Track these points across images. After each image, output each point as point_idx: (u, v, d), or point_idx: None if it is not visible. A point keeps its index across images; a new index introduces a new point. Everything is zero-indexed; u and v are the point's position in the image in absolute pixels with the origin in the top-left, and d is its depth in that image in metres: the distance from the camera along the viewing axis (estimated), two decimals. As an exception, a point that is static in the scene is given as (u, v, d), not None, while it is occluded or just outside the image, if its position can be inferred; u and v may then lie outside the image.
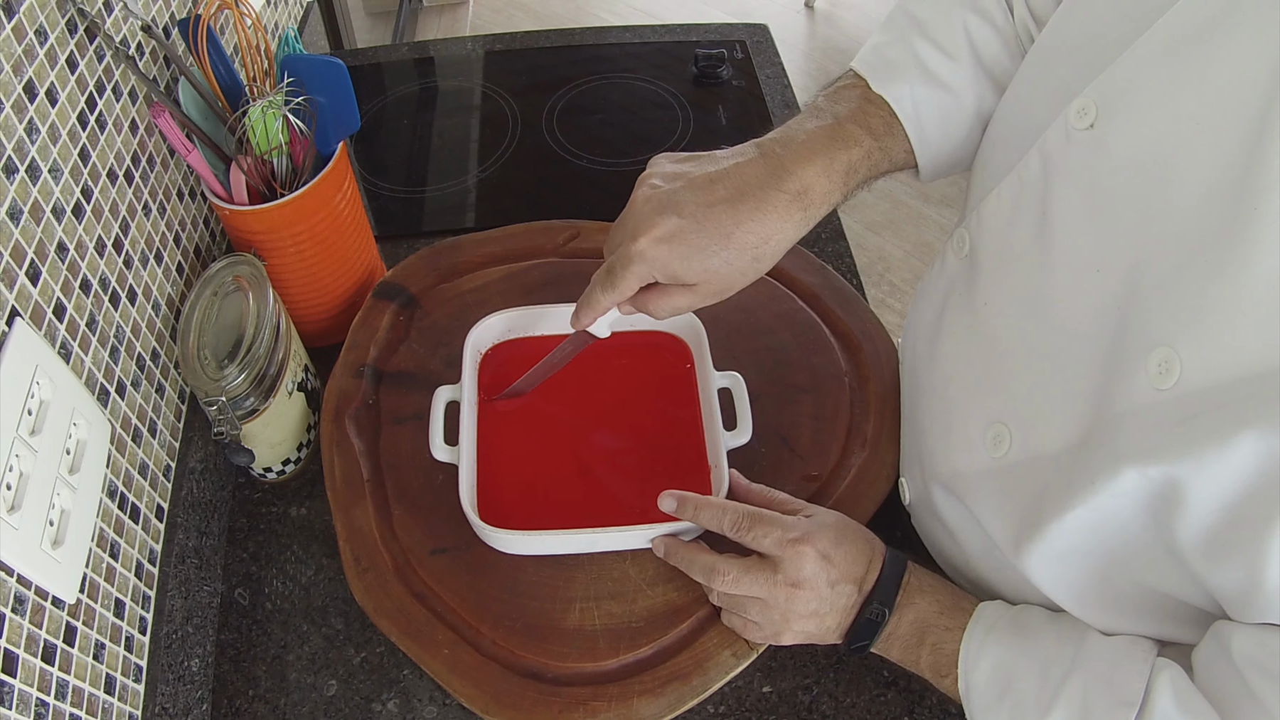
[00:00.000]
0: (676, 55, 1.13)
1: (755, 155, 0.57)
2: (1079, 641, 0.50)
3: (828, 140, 0.57)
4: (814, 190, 0.56)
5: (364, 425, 0.73)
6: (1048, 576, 0.51)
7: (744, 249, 0.55)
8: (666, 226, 0.55)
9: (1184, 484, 0.40)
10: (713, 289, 0.57)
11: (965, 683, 0.53)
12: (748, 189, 0.55)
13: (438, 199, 0.96)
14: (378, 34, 2.37)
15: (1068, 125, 0.47)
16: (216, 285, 0.67)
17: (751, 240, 0.55)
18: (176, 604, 0.63)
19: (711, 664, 0.61)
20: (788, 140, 0.57)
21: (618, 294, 0.58)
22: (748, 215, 0.54)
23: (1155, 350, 0.41)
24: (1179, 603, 0.47)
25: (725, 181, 0.55)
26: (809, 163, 0.56)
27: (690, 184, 0.56)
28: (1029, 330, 0.50)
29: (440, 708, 0.63)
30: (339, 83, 0.69)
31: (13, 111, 0.50)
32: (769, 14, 2.87)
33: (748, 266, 0.56)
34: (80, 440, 0.52)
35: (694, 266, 0.55)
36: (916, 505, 0.65)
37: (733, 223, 0.54)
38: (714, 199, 0.55)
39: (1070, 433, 0.47)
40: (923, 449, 0.62)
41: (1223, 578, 0.41)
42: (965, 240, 0.58)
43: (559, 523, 0.66)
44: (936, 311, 0.61)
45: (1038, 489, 0.49)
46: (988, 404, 0.54)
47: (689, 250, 0.55)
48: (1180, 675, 0.46)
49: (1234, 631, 0.43)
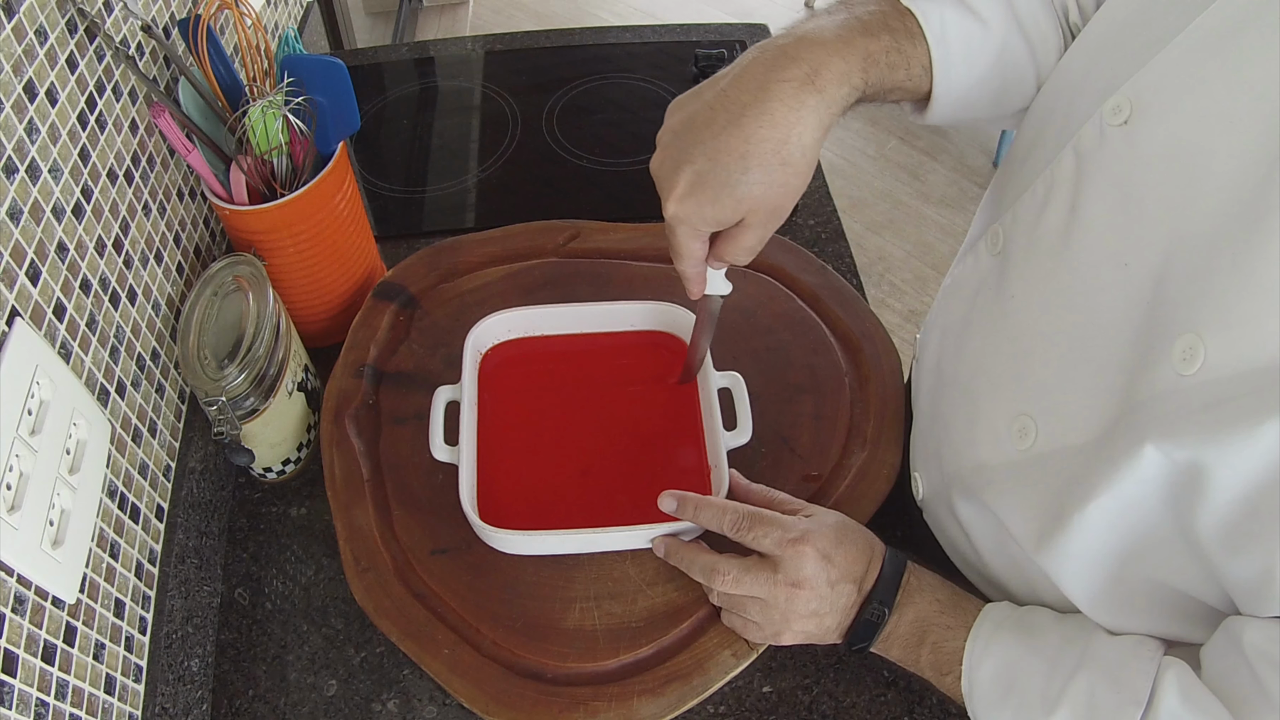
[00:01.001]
0: (676, 55, 1.13)
1: (754, 57, 0.53)
2: (1085, 641, 0.50)
3: (842, 28, 0.53)
4: (826, 70, 0.51)
5: (364, 425, 0.73)
6: (1066, 573, 0.51)
7: (765, 161, 0.51)
8: (684, 180, 0.52)
9: (1206, 470, 0.40)
10: (762, 215, 0.53)
11: (969, 681, 0.53)
12: (746, 98, 0.51)
13: (438, 199, 0.96)
14: (378, 34, 2.37)
15: (1102, 122, 0.47)
16: (216, 285, 0.67)
17: (768, 148, 0.50)
18: (176, 604, 0.63)
19: (711, 664, 0.61)
20: (793, 33, 0.53)
21: (688, 260, 0.56)
22: (753, 124, 0.50)
23: (1180, 337, 0.41)
24: (1192, 600, 0.47)
25: (724, 105, 0.52)
26: (818, 46, 0.51)
27: (693, 124, 0.53)
28: (1055, 323, 0.50)
29: (440, 708, 0.63)
30: (339, 83, 0.69)
31: (13, 111, 0.50)
32: (769, 14, 2.87)
33: (779, 175, 0.51)
34: (80, 440, 0.52)
35: (727, 205, 0.52)
36: (930, 501, 0.65)
37: (742, 141, 0.50)
38: (718, 128, 0.51)
39: (1095, 424, 0.47)
40: (943, 443, 0.61)
41: (1239, 569, 0.42)
42: (1000, 237, 0.57)
43: (559, 523, 0.66)
44: (966, 307, 0.61)
45: (1061, 482, 0.49)
46: (1013, 396, 0.53)
47: (714, 192, 0.52)
48: (1186, 672, 0.46)
49: (1245, 625, 0.43)
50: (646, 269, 0.83)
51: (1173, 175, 0.43)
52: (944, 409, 0.62)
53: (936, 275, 2.15)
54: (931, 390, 0.65)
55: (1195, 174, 0.42)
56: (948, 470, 0.60)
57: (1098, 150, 0.48)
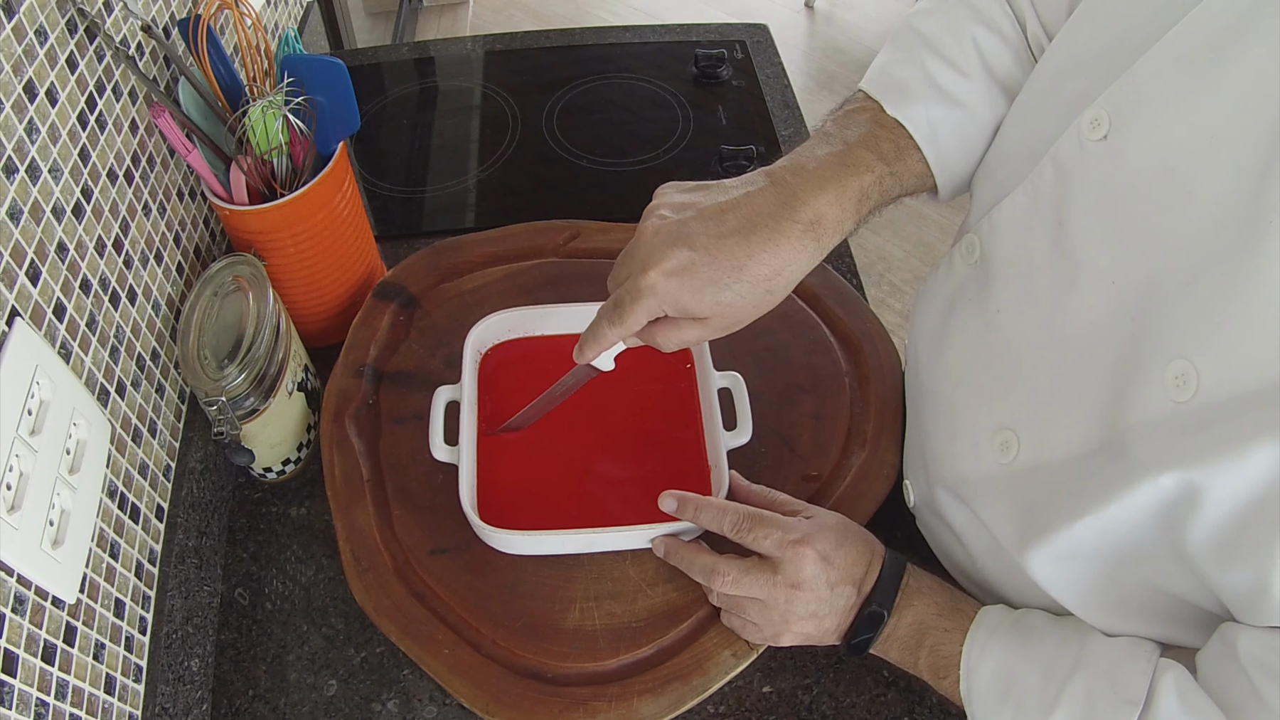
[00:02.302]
0: (676, 55, 1.13)
1: (766, 184, 0.55)
2: (1081, 642, 0.50)
3: (838, 167, 0.55)
4: (827, 219, 0.54)
5: (364, 425, 0.73)
6: (1053, 578, 0.51)
7: (757, 281, 0.53)
8: (677, 259, 0.52)
9: (1198, 490, 0.40)
10: (724, 322, 0.55)
11: (967, 684, 0.53)
12: (759, 219, 0.53)
13: (438, 199, 0.96)
14: (378, 34, 2.37)
15: (1081, 135, 0.47)
16: (216, 285, 0.67)
17: (765, 272, 0.53)
18: (176, 604, 0.63)
19: (711, 664, 0.61)
20: (798, 168, 0.55)
21: (625, 328, 0.56)
22: (760, 247, 0.52)
23: (1172, 363, 0.41)
24: (1185, 604, 0.47)
25: (736, 212, 0.53)
26: (821, 191, 0.54)
27: (700, 214, 0.54)
28: (1041, 338, 0.50)
29: (440, 708, 0.63)
30: (339, 83, 0.69)
31: (13, 111, 0.50)
32: (769, 14, 2.87)
33: (760, 299, 0.54)
34: (80, 440, 0.52)
35: (706, 300, 0.53)
36: (921, 508, 0.65)
37: (745, 254, 0.52)
38: (725, 230, 0.53)
39: (1080, 441, 0.47)
40: (927, 453, 0.61)
41: (1231, 581, 0.41)
42: (975, 246, 0.57)
43: (559, 523, 0.66)
44: (942, 316, 0.61)
45: (1045, 495, 0.49)
46: (996, 410, 0.53)
47: (701, 283, 0.53)
48: (1184, 675, 0.46)
49: (1240, 632, 0.43)
50: (646, 269, 0.83)
51: (1157, 191, 0.43)
52: (924, 419, 0.62)
53: (936, 275, 2.15)
54: (915, 400, 0.66)
55: (1180, 190, 0.42)
56: (933, 480, 0.60)
57: (1079, 164, 0.48)
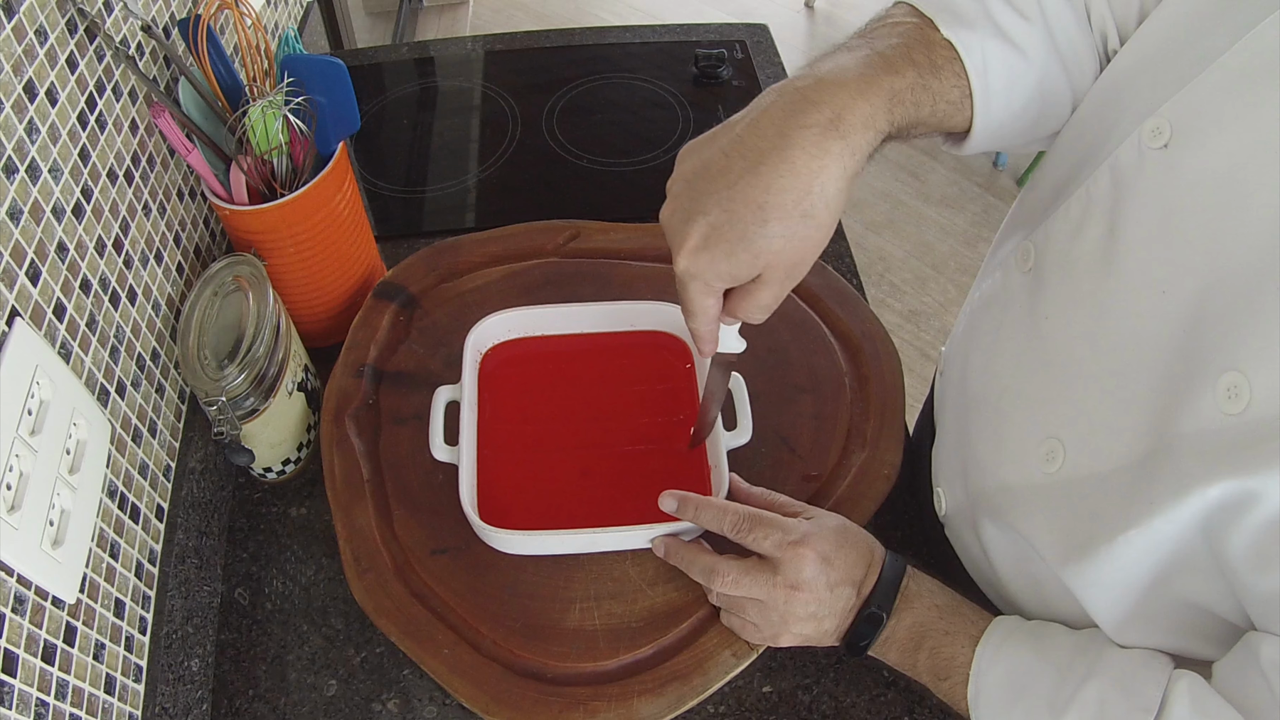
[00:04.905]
0: (676, 55, 1.13)
1: (772, 100, 0.49)
2: (1098, 651, 0.50)
3: (863, 65, 0.49)
4: (850, 114, 0.47)
5: (364, 425, 0.73)
6: (1093, 593, 0.50)
7: (785, 212, 0.47)
8: (697, 232, 0.49)
9: (1244, 498, 0.40)
10: (781, 270, 0.50)
11: (975, 686, 0.53)
12: (764, 145, 0.47)
13: (438, 199, 0.96)
14: (378, 34, 2.37)
15: (1141, 144, 0.46)
16: (216, 285, 0.67)
17: (789, 199, 0.47)
18: (176, 604, 0.63)
19: (711, 664, 0.61)
20: (812, 72, 0.49)
21: (699, 317, 0.53)
22: (772, 174, 0.46)
23: (1225, 375, 0.40)
24: (1213, 617, 0.47)
25: (741, 151, 0.48)
26: (839, 87, 0.47)
27: (707, 171, 0.49)
28: (1090, 347, 0.49)
29: (440, 708, 0.63)
30: (339, 83, 0.69)
31: (13, 111, 0.50)
32: (769, 14, 2.87)
33: (800, 228, 0.48)
34: (80, 440, 0.52)
35: (743, 259, 0.48)
36: (953, 518, 0.64)
37: (761, 191, 0.47)
38: (733, 177, 0.47)
39: (1127, 451, 0.46)
40: (969, 461, 0.60)
41: (1264, 584, 0.41)
42: (1030, 253, 0.56)
43: (559, 523, 0.66)
44: (996, 322, 0.59)
45: (1089, 507, 0.48)
46: (1043, 418, 0.52)
47: (730, 245, 0.48)
48: (1198, 682, 0.46)
49: (1264, 640, 0.43)
50: (646, 269, 0.83)
51: (1214, 203, 0.43)
52: (970, 427, 0.61)
53: (936, 275, 2.15)
54: (958, 407, 0.64)
55: (1237, 203, 0.42)
56: (973, 488, 0.59)
57: (1136, 172, 0.47)
